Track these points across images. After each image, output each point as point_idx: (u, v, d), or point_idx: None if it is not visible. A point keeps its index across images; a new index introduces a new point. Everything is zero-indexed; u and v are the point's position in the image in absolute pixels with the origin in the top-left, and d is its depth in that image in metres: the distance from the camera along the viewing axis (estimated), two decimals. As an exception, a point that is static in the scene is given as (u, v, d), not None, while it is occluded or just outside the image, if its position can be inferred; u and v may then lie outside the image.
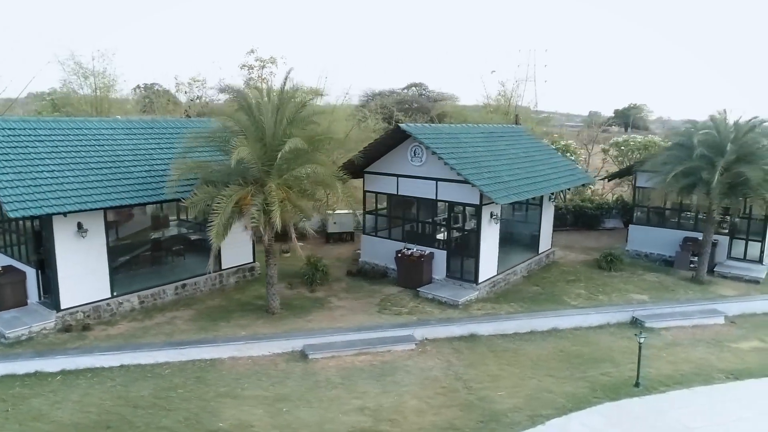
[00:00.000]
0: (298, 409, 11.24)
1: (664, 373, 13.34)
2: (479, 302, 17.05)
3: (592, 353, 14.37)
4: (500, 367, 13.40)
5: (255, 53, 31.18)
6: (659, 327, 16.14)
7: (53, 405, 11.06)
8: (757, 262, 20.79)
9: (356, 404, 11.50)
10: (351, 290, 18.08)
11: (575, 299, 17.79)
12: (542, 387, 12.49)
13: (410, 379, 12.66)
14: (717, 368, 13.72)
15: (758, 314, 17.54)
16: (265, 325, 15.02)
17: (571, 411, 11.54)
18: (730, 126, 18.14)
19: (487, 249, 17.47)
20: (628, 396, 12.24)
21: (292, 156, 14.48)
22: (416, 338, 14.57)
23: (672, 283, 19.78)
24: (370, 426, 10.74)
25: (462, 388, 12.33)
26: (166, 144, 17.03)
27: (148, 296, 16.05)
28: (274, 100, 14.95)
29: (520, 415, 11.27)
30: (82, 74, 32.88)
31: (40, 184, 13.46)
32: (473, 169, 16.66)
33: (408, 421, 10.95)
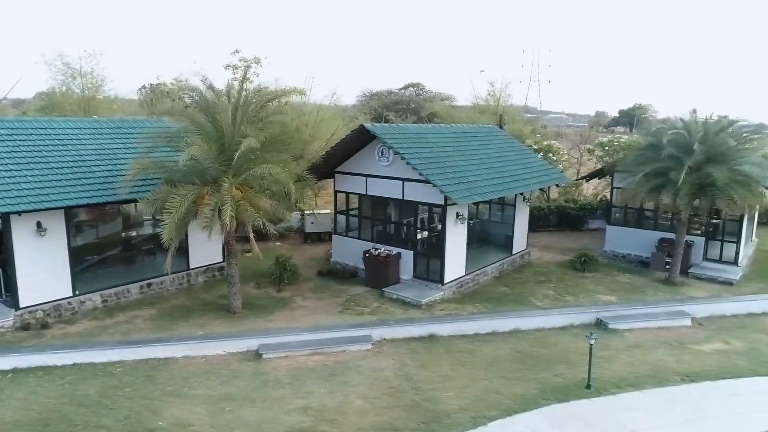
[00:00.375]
0: (240, 409, 11.26)
1: (619, 375, 13.24)
2: (444, 303, 17.01)
3: (550, 355, 14.29)
4: (453, 368, 13.35)
5: (239, 53, 31.25)
6: (623, 328, 16.01)
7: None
8: (732, 264, 20.61)
9: (300, 404, 11.49)
10: (318, 290, 18.10)
11: (542, 300, 17.72)
12: (492, 388, 12.43)
13: (360, 379, 12.65)
14: (674, 370, 13.59)
15: (727, 316, 17.36)
16: (223, 325, 15.07)
17: (516, 412, 11.47)
18: (699, 126, 17.98)
19: (453, 249, 17.42)
20: (578, 398, 12.14)
21: (250, 156, 14.53)
22: (373, 338, 14.54)
23: (644, 284, 19.66)
24: (310, 426, 10.73)
25: (410, 388, 12.29)
26: (132, 144, 17.09)
27: (111, 295, 16.14)
28: (234, 100, 14.98)
29: (464, 417, 11.22)
30: (70, 74, 33.20)
31: (-4, 183, 13.58)
32: (437, 169, 16.63)
33: (348, 421, 10.93)
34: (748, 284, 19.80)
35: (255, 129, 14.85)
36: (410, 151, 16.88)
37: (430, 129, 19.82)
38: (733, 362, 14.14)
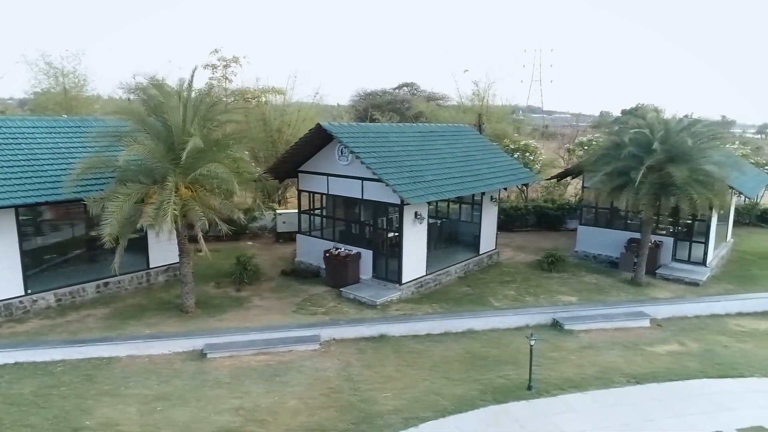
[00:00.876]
0: (172, 409, 11.20)
1: (565, 376, 13.11)
2: (400, 303, 16.91)
3: (499, 355, 14.17)
4: (398, 369, 13.25)
5: (219, 53, 31.27)
6: (578, 329, 15.89)
7: (-71, 401, 11.14)
8: (701, 264, 20.41)
9: (234, 404, 11.42)
10: (278, 290, 18.02)
11: (501, 300, 17.59)
12: (432, 389, 12.33)
13: (300, 379, 12.57)
14: (622, 372, 13.45)
15: (689, 317, 17.21)
16: (174, 324, 15.02)
17: (451, 414, 11.37)
18: (660, 125, 17.80)
19: (411, 249, 17.32)
20: (518, 399, 12.04)
21: (200, 155, 14.47)
22: (322, 339, 14.46)
23: (609, 285, 19.50)
24: (238, 426, 10.66)
25: (349, 389, 12.20)
26: (90, 143, 17.03)
27: (66, 294, 16.12)
28: (183, 99, 14.90)
29: (396, 418, 11.13)
30: (52, 74, 33.32)
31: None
32: (393, 168, 16.53)
33: (278, 422, 10.86)
34: (715, 285, 19.61)
35: (205, 128, 14.79)
36: (367, 151, 16.79)
37: (393, 128, 19.69)
38: (684, 364, 14.00)
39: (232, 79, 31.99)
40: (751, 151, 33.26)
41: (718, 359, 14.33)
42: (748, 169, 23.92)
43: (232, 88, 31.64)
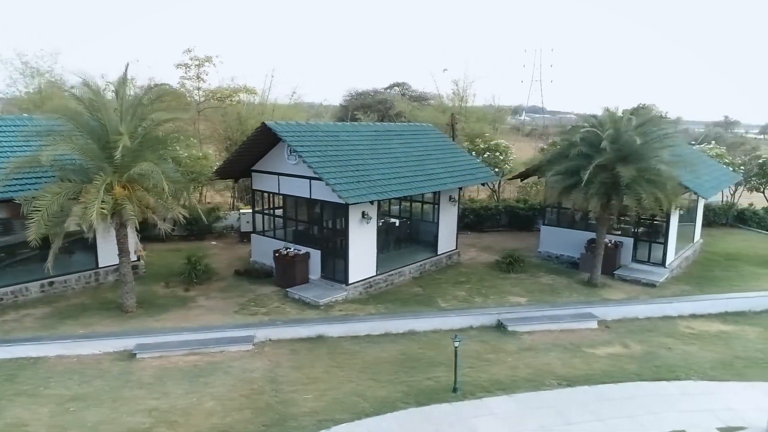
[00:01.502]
0: (86, 409, 11.08)
1: (495, 378, 12.93)
2: (345, 303, 16.77)
3: (434, 357, 13.98)
4: (328, 370, 13.10)
5: (192, 52, 31.21)
6: (522, 331, 15.70)
7: None
8: (660, 265, 20.18)
9: (150, 405, 11.30)
10: (226, 290, 17.90)
11: (449, 301, 17.42)
12: (356, 391, 12.18)
13: (225, 380, 12.44)
14: (556, 374, 13.25)
15: (639, 319, 16.98)
16: (110, 324, 14.92)
17: (368, 416, 11.22)
18: (610, 124, 17.58)
19: (359, 249, 17.17)
20: (440, 402, 11.87)
21: (135, 154, 14.38)
22: (258, 339, 14.33)
23: (564, 285, 19.31)
24: (147, 428, 10.53)
25: (271, 390, 12.06)
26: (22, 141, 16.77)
27: (7, 293, 16.06)
28: (121, 98, 14.80)
29: (311, 420, 10.98)
30: (28, 74, 33.27)
31: None
32: (337, 167, 16.38)
33: (189, 423, 10.72)
34: (673, 286, 19.38)
35: (141, 127, 14.68)
36: (313, 149, 16.67)
37: (345, 127, 19.54)
38: (622, 366, 13.79)
39: (205, 79, 32.00)
40: (725, 151, 32.86)
41: (658, 362, 14.12)
42: (712, 169, 23.64)
43: (205, 88, 31.64)
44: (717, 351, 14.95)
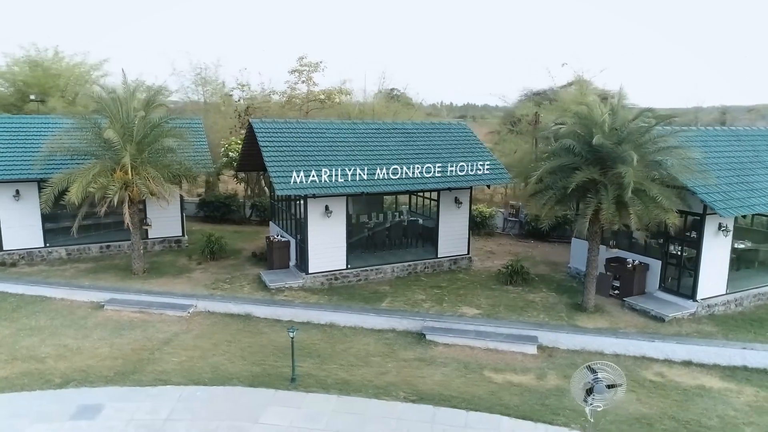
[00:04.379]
0: (28, 337, 14.43)
1: (346, 380, 12.73)
2: (298, 291, 17.75)
3: (321, 350, 14.28)
4: (217, 343, 14.45)
5: (304, 59, 34.78)
6: (441, 341, 14.76)
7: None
8: (688, 298, 16.20)
9: (66, 342, 14.19)
10: (224, 268, 20.28)
11: (398, 304, 16.95)
12: (216, 363, 13.32)
13: (135, 335, 14.72)
14: (418, 388, 12.40)
15: (604, 354, 14.30)
16: (114, 281, 18.57)
17: (198, 384, 12.31)
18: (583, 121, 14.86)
19: (320, 241, 17.95)
20: (270, 387, 12.26)
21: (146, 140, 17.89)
22: (198, 309, 16.46)
23: (546, 305, 17.02)
24: (44, 357, 13.37)
25: (157, 349, 13.98)
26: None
27: (74, 250, 21.17)
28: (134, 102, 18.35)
29: (151, 377, 12.55)
30: (200, 82, 41.03)
31: None
32: (293, 162, 17.40)
33: (71, 359, 13.25)
34: (690, 325, 15.51)
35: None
36: (280, 145, 18.03)
37: (341, 125, 20.22)
38: (504, 395, 12.19)
39: (318, 82, 35.37)
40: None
41: (552, 400, 12.03)
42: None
43: (317, 90, 35.05)
44: (656, 407, 11.97)
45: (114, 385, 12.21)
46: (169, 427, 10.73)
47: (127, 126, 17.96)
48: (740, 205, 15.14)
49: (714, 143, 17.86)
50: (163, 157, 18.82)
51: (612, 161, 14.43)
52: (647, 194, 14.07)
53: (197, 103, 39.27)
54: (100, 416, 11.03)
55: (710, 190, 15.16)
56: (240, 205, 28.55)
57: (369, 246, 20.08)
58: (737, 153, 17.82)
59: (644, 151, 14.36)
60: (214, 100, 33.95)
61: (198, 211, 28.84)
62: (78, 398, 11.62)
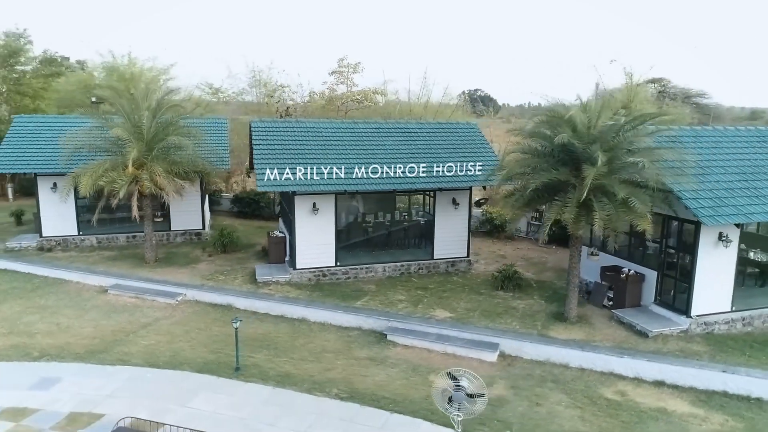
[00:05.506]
0: (34, 313, 16.06)
1: (290, 373, 13.02)
2: (284, 285, 18.25)
3: (281, 343, 14.70)
4: (189, 330, 15.26)
5: (344, 60, 35.42)
6: (400, 342, 14.66)
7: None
8: (683, 313, 14.80)
9: (62, 320, 15.62)
10: (229, 260, 21.26)
11: (374, 303, 16.93)
12: (177, 349, 14.11)
13: (123, 317, 15.94)
14: (354, 386, 12.43)
15: (570, 367, 13.51)
16: (126, 268, 20.08)
17: (149, 366, 13.10)
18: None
19: (308, 238, 18.34)
20: (214, 374, 12.79)
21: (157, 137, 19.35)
22: (187, 298, 17.47)
23: (526, 312, 16.30)
24: (36, 332, 14.84)
25: (132, 331, 15.05)
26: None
27: (104, 239, 23.12)
28: (149, 105, 19.77)
29: (114, 356, 13.57)
30: (255, 84, 43.04)
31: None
32: (282, 160, 17.90)
33: (57, 335, 14.61)
34: (676, 343, 14.19)
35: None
36: (276, 144, 18.62)
37: (340, 125, 20.43)
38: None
39: (358, 83, 35.92)
40: None
41: (489, 412, 11.48)
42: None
43: (356, 91, 35.62)
44: (597, 427, 11.17)
45: (80, 362, 13.33)
46: (106, 403, 11.54)
47: (137, 124, 19.42)
48: (735, 212, 13.60)
49: (727, 144, 16.18)
50: (173, 154, 20.11)
51: (585, 162, 13.55)
52: (616, 197, 13.05)
53: (250, 104, 41.35)
54: (54, 388, 12.11)
55: (701, 195, 13.80)
56: (269, 202, 29.68)
57: (367, 244, 20.20)
58: (755, 155, 16.02)
59: (617, 152, 13.35)
60: (266, 101, 35.37)
61: (232, 206, 30.35)
62: (43, 371, 12.81)
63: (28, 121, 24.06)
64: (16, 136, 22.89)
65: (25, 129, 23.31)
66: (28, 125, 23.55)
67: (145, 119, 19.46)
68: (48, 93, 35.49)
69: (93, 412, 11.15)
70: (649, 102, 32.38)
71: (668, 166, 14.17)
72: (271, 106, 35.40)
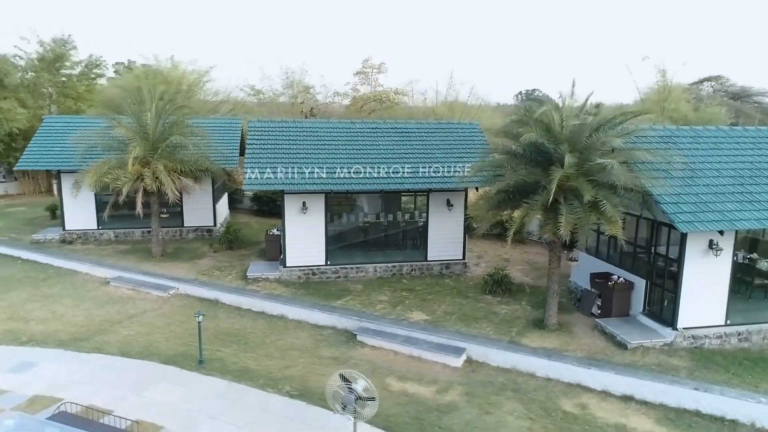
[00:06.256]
0: (36, 301, 17.14)
1: (250, 368, 13.21)
2: (272, 282, 18.55)
3: (251, 338, 14.97)
4: (171, 322, 15.82)
5: (368, 61, 35.54)
6: (368, 343, 14.65)
7: (-11, 270, 20.39)
8: (669, 325, 13.88)
9: (59, 308, 16.57)
10: (230, 256, 21.79)
11: (354, 303, 16.90)
12: (153, 340, 14.66)
13: (114, 308, 16.72)
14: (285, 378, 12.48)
15: (536, 376, 13.06)
16: (133, 262, 21.01)
17: (121, 356, 13.69)
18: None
19: (298, 236, 18.56)
20: (176, 365, 13.20)
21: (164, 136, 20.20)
22: (179, 292, 18.10)
23: (508, 319, 15.78)
24: (32, 317, 15.84)
25: (119, 322, 15.75)
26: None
27: (121, 233, 24.28)
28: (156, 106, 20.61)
29: (95, 343, 14.26)
30: (288, 84, 43.97)
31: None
32: (273, 160, 18.19)
33: (49, 322, 15.53)
34: (655, 356, 13.35)
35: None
36: (269, 144, 18.96)
37: (337, 125, 20.45)
38: (387, 404, 11.69)
39: (383, 84, 35.98)
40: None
41: (434, 418, 11.31)
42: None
43: (377, 91, 35.70)
44: (542, 437, 10.68)
45: (60, 348, 14.10)
46: (71, 388, 12.13)
47: (143, 124, 20.30)
48: (719, 219, 12.60)
49: (729, 145, 15.04)
50: (178, 152, 20.87)
51: (556, 163, 12.98)
52: (583, 199, 12.40)
53: (283, 105, 42.25)
54: (28, 372, 12.87)
55: (684, 199, 12.90)
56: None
57: (361, 244, 20.20)
58: (758, 157, 14.79)
59: (589, 153, 12.68)
60: (291, 102, 36.10)
61: (252, 204, 31.13)
62: (24, 356, 13.64)
63: (56, 121, 25.66)
64: (44, 136, 24.47)
65: (52, 129, 24.87)
66: (55, 125, 25.11)
67: (150, 119, 20.32)
68: (91, 95, 37.65)
69: (54, 396, 11.76)
70: (684, 101, 30.55)
71: (653, 168, 13.40)
72: (296, 107, 36.03)
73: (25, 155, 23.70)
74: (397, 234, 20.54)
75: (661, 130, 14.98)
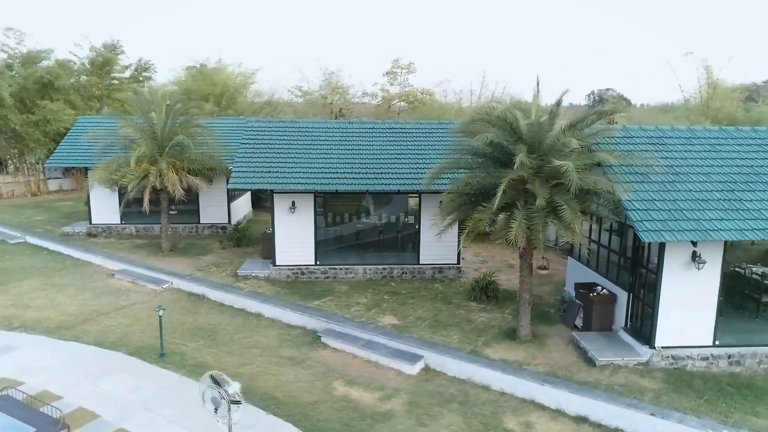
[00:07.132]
0: (42, 290, 18.32)
1: (207, 363, 13.40)
2: (262, 280, 18.79)
3: (218, 334, 15.17)
4: (153, 314, 15.77)
5: (399, 61, 35.27)
6: (330, 345, 14.57)
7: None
8: (646, 343, 12.75)
9: (60, 298, 17.64)
10: (233, 253, 22.27)
11: (330, 305, 16.75)
12: (129, 332, 15.28)
13: (108, 299, 17.59)
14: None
15: (491, 389, 12.47)
16: (143, 256, 21.99)
17: (95, 345, 14.33)
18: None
19: (287, 235, 18.70)
20: (140, 357, 13.70)
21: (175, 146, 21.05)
22: (173, 286, 18.77)
23: (482, 328, 15.15)
24: (32, 305, 16.94)
25: (108, 312, 16.52)
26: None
27: (142, 228, 25.48)
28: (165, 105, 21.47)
29: (76, 331, 15.04)
30: (325, 86, 44.55)
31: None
32: (264, 160, 18.43)
33: (44, 309, 16.55)
34: (625, 376, 12.31)
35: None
36: (262, 143, 19.24)
37: (334, 125, 20.34)
38: (326, 408, 11.55)
39: (412, 84, 35.66)
40: None
41: (366, 426, 11.01)
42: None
43: (406, 91, 35.43)
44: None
45: (43, 335, 14.99)
46: (35, 374, 12.85)
47: (152, 124, 21.19)
48: (693, 228, 11.38)
49: (728, 147, 13.62)
50: (185, 152, 21.61)
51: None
52: (539, 204, 11.62)
53: (318, 104, 42.82)
54: (7, 355, 13.77)
55: (656, 205, 11.79)
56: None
57: (354, 246, 20.08)
58: (760, 161, 13.27)
59: (551, 155, 11.84)
60: (321, 102, 36.57)
61: (274, 203, 31.77)
62: (9, 341, 14.60)
63: (88, 121, 27.36)
64: (76, 135, 26.16)
65: (84, 129, 26.47)
66: (87, 125, 26.73)
67: (157, 120, 21.18)
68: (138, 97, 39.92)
69: (17, 380, 12.50)
70: (731, 100, 28.03)
71: (630, 172, 12.39)
72: (326, 107, 36.42)
73: (57, 152, 25.47)
74: (390, 236, 20.23)
75: (651, 131, 13.81)
